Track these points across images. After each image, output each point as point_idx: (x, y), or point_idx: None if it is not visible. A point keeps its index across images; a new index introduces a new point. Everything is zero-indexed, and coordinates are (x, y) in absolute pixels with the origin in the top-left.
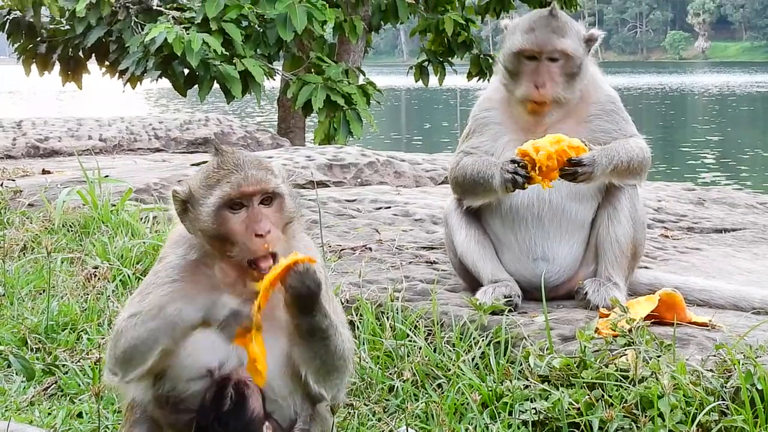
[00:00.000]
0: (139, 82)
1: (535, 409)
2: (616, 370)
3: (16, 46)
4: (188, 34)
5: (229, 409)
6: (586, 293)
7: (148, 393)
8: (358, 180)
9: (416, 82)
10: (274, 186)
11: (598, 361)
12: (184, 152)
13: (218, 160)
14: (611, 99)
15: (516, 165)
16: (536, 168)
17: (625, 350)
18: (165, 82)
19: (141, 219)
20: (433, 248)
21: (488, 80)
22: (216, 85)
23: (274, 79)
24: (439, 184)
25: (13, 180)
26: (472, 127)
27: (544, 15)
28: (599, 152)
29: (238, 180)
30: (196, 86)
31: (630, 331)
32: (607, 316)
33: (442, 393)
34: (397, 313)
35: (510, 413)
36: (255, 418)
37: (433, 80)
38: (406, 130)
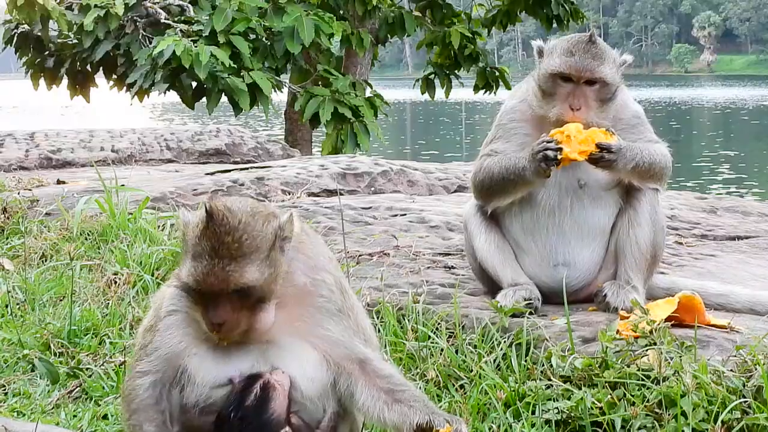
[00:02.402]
0: (146, 95)
1: (557, 408)
2: (638, 370)
3: (24, 60)
4: (196, 46)
5: (250, 406)
6: (606, 296)
7: (174, 400)
8: (372, 189)
9: (423, 94)
10: (241, 283)
11: (619, 361)
12: (195, 163)
13: (203, 229)
14: (636, 115)
15: (545, 142)
16: (566, 138)
17: (647, 351)
18: (170, 96)
19: (159, 227)
20: (449, 254)
21: (494, 93)
22: (224, 98)
23: (281, 92)
24: (453, 192)
25: (29, 190)
26: (498, 133)
27: (584, 40)
28: (626, 145)
29: (204, 272)
30: (204, 99)
31: (651, 332)
32: (627, 318)
33: (465, 393)
34: (419, 315)
35: (533, 412)
36: (273, 419)
37: (440, 93)
38: (413, 143)
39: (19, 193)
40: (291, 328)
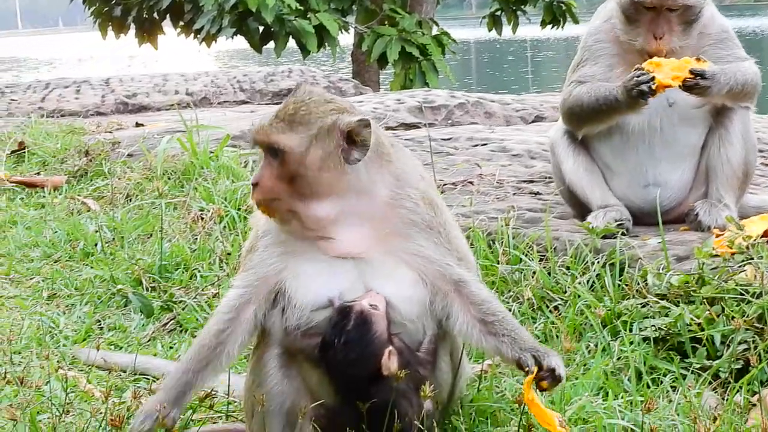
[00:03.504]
0: (214, 41)
1: (655, 325)
2: (737, 286)
3: (91, 10)
4: None
5: (351, 329)
6: (698, 215)
7: (276, 324)
8: (449, 121)
9: (489, 31)
10: (272, 139)
11: (716, 277)
12: (269, 104)
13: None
14: (724, 29)
15: (635, 77)
16: (657, 65)
17: (744, 266)
18: (236, 43)
19: (241, 163)
20: (533, 181)
21: (562, 28)
22: (290, 42)
23: (347, 33)
24: (531, 123)
25: (110, 132)
26: (585, 56)
27: None
28: (719, 69)
29: (257, 123)
30: (271, 43)
31: (748, 248)
32: (721, 235)
33: (560, 315)
34: (509, 239)
35: (630, 330)
36: (376, 340)
37: (506, 31)
38: (479, 82)
39: (101, 136)
40: (382, 246)
